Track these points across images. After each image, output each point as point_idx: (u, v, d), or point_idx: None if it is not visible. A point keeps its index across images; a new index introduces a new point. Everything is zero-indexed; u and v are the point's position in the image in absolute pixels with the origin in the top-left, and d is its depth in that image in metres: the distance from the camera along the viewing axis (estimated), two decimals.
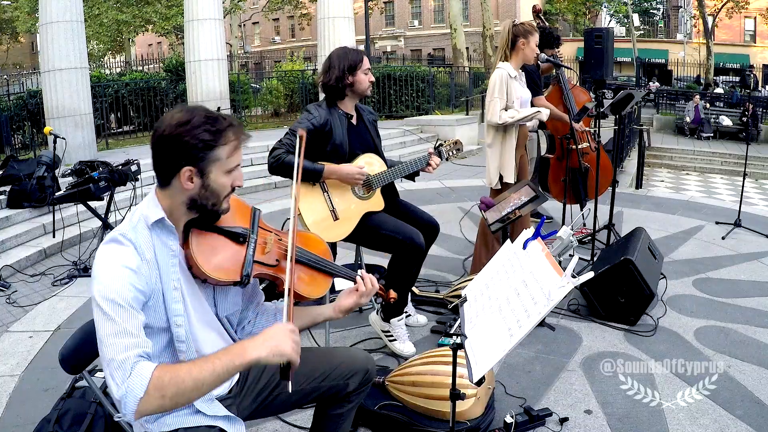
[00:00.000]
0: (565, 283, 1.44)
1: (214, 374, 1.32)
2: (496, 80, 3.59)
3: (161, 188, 1.47)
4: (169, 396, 1.27)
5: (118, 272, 1.35)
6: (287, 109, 13.67)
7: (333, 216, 2.84)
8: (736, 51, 30.68)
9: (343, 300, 1.72)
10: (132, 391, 1.24)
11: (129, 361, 1.27)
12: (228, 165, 1.46)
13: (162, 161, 1.43)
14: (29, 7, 22.03)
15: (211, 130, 1.41)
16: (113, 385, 1.26)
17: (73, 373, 1.66)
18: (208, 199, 1.46)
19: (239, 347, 1.37)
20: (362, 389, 1.80)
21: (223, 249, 1.54)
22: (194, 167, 1.42)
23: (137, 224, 1.44)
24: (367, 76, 2.93)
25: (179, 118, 1.41)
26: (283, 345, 1.36)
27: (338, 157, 2.87)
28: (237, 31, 31.39)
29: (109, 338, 1.29)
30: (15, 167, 5.89)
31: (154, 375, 1.27)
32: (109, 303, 1.32)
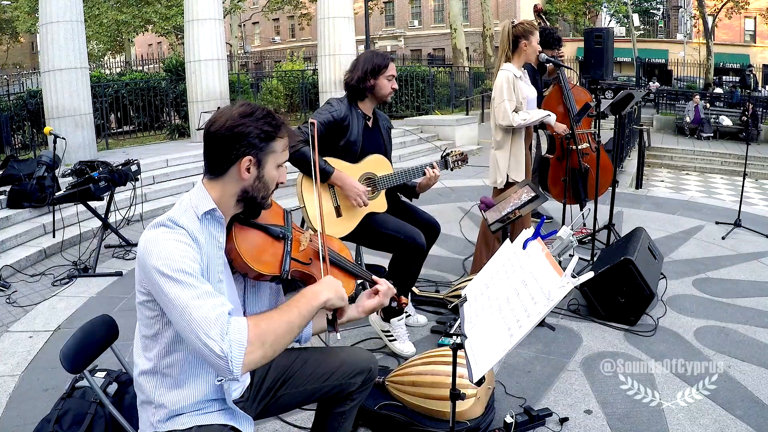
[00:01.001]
0: (565, 283, 1.44)
1: (300, 316, 1.43)
2: (503, 82, 3.57)
3: (213, 179, 1.50)
4: (269, 342, 1.34)
5: (179, 246, 1.37)
6: (287, 109, 13.67)
7: (336, 212, 2.85)
8: (736, 51, 30.68)
9: (366, 301, 1.78)
10: (237, 343, 1.28)
11: (223, 316, 1.30)
12: (280, 159, 1.54)
13: (221, 151, 1.47)
14: (29, 7, 22.01)
15: (272, 123, 1.49)
16: (213, 344, 1.27)
17: (75, 372, 1.66)
18: (260, 191, 1.52)
19: (310, 291, 1.50)
20: (365, 388, 1.82)
21: (264, 244, 1.61)
22: (254, 157, 1.48)
23: (185, 212, 1.45)
24: (390, 82, 2.94)
25: (242, 111, 1.48)
26: (340, 289, 1.53)
27: (349, 154, 2.89)
28: (237, 31, 31.39)
29: (194, 300, 1.30)
30: (15, 167, 5.90)
31: (250, 325, 1.33)
32: (180, 272, 1.33)
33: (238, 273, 1.59)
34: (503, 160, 3.71)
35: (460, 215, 5.56)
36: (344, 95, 3.02)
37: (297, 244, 1.68)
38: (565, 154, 4.69)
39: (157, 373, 1.46)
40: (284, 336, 1.38)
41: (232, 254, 1.54)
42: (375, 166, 2.95)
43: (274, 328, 1.36)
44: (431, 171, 2.98)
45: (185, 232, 1.40)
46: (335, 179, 2.79)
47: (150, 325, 1.45)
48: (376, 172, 2.95)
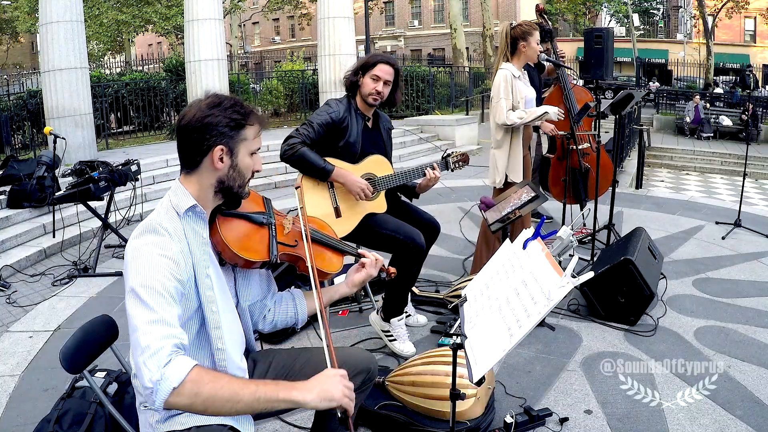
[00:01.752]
0: (565, 283, 1.44)
1: (254, 396, 1.31)
2: (501, 81, 3.58)
3: (188, 174, 1.52)
4: (203, 397, 1.27)
5: (159, 262, 1.37)
6: (287, 109, 13.66)
7: (336, 213, 2.85)
8: (736, 51, 30.68)
9: (354, 275, 1.81)
10: (168, 380, 1.24)
11: (166, 349, 1.27)
12: (252, 146, 1.55)
13: (192, 144, 1.49)
14: (29, 7, 22.01)
15: (240, 111, 1.51)
16: (146, 372, 1.25)
17: (74, 372, 1.65)
18: (235, 180, 1.53)
19: (288, 383, 1.38)
20: (364, 388, 1.81)
21: (249, 232, 1.63)
22: (225, 146, 1.49)
23: (167, 214, 1.47)
24: (375, 83, 2.87)
25: (210, 101, 1.51)
26: (332, 390, 1.35)
27: (349, 155, 2.89)
28: (237, 31, 31.38)
29: (146, 325, 1.29)
30: (15, 167, 5.89)
31: (194, 371, 1.28)
32: (148, 290, 1.32)
33: (227, 264, 1.61)
34: (502, 159, 3.71)
35: (460, 215, 5.56)
36: (344, 95, 3.02)
37: (281, 229, 1.72)
38: (565, 154, 4.69)
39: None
40: (223, 402, 1.28)
41: (219, 246, 1.56)
42: (375, 166, 2.95)
43: (216, 389, 1.28)
44: (431, 172, 2.97)
45: (169, 237, 1.41)
46: (336, 176, 2.79)
47: None
48: (376, 172, 2.94)
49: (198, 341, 1.50)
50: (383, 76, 2.88)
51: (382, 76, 2.88)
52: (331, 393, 1.34)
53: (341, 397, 1.35)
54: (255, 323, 1.76)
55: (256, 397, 1.31)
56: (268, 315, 1.78)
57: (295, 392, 1.33)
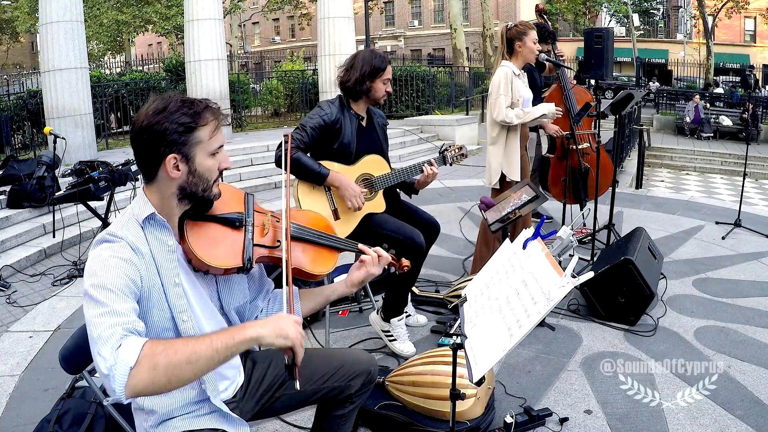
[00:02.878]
0: (565, 283, 1.44)
1: (212, 348, 1.25)
2: (501, 77, 3.57)
3: (148, 184, 1.46)
4: (162, 367, 1.19)
5: (109, 263, 1.32)
6: (287, 109, 13.67)
7: (334, 215, 2.85)
8: (736, 51, 30.68)
9: (354, 273, 1.71)
10: (122, 362, 1.18)
11: (116, 335, 1.21)
12: (211, 146, 1.44)
13: (145, 154, 1.41)
14: (29, 7, 22.01)
15: (189, 113, 1.40)
16: (101, 361, 1.19)
17: (73, 373, 1.66)
18: (197, 185, 1.44)
19: (240, 325, 1.33)
20: (364, 390, 1.80)
21: (220, 236, 1.51)
22: (178, 153, 1.40)
23: (127, 223, 1.42)
24: (385, 86, 2.91)
25: (155, 107, 1.40)
26: (287, 328, 1.31)
27: (344, 157, 2.88)
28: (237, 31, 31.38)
29: (96, 318, 1.24)
30: (15, 167, 5.89)
31: (146, 346, 1.21)
32: (98, 289, 1.28)
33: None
34: (498, 156, 3.69)
35: (460, 215, 5.56)
36: (336, 96, 2.99)
37: (260, 229, 1.58)
38: (565, 154, 4.69)
39: None
40: (182, 364, 1.21)
41: (188, 254, 1.47)
42: (371, 166, 2.94)
43: (171, 354, 1.21)
44: (428, 168, 2.95)
45: (125, 243, 1.36)
46: (332, 180, 2.78)
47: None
48: (373, 172, 2.93)
49: None
50: (390, 76, 2.94)
51: (390, 77, 2.94)
52: (286, 330, 1.31)
53: (295, 336, 1.31)
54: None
55: (214, 348, 1.25)
56: (260, 316, 1.71)
57: (249, 330, 1.29)
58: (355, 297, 3.62)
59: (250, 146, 8.75)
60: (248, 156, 8.51)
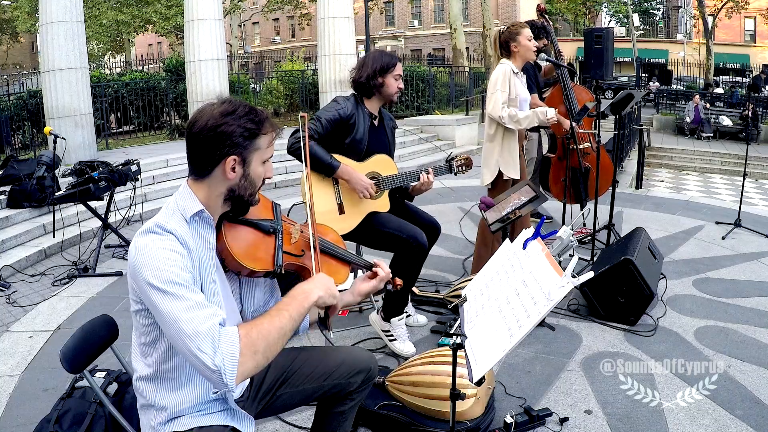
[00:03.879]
0: (565, 283, 1.44)
1: (291, 319, 1.40)
2: (499, 74, 3.57)
3: (197, 180, 1.48)
4: (261, 351, 1.32)
5: (168, 255, 1.35)
6: (287, 109, 13.66)
7: (339, 210, 2.86)
8: (736, 51, 30.68)
9: (361, 284, 1.77)
10: (228, 356, 1.27)
11: (215, 329, 1.29)
12: (265, 155, 1.52)
13: (205, 152, 1.44)
14: (29, 7, 22.01)
15: (255, 120, 1.47)
16: (205, 357, 1.26)
17: (75, 372, 1.65)
18: (246, 189, 1.50)
19: (300, 291, 1.47)
20: (364, 387, 1.81)
21: (255, 240, 1.59)
22: (238, 156, 1.45)
23: (172, 216, 1.44)
24: (397, 82, 2.96)
25: (224, 109, 1.45)
26: (333, 288, 1.49)
27: (355, 153, 2.89)
28: (237, 31, 31.38)
29: (185, 313, 1.29)
30: (15, 167, 5.89)
31: (242, 334, 1.31)
32: (170, 284, 1.31)
33: (231, 271, 1.58)
34: (494, 154, 3.67)
35: (460, 215, 5.56)
36: (351, 94, 3.02)
37: (288, 237, 1.67)
38: (565, 154, 4.69)
39: (158, 378, 1.45)
40: (276, 342, 1.36)
41: (223, 254, 1.53)
42: (380, 165, 2.96)
43: (265, 335, 1.34)
44: (425, 176, 2.98)
45: (174, 237, 1.38)
46: (342, 173, 2.80)
47: (147, 333, 1.44)
48: (381, 171, 2.95)
49: None
50: (401, 72, 3.00)
51: (401, 74, 2.99)
52: (333, 290, 1.50)
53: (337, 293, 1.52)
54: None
55: (294, 319, 1.41)
56: None
57: (311, 294, 1.46)
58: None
59: None
60: None
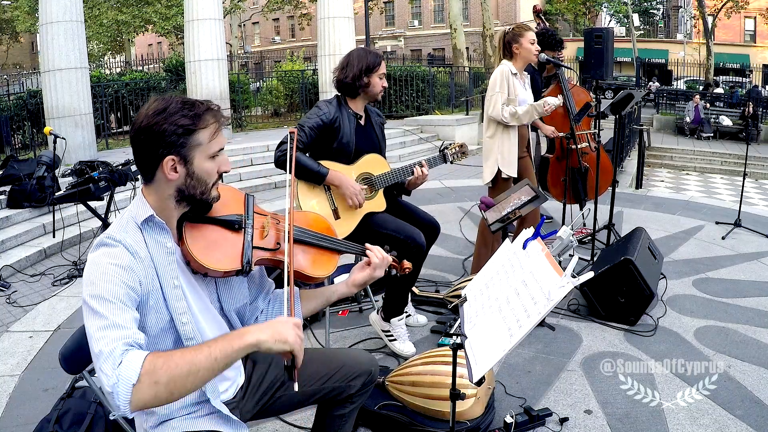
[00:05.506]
0: (565, 283, 1.44)
1: (211, 358, 1.24)
2: (498, 75, 3.58)
3: (147, 185, 1.45)
4: (163, 382, 1.20)
5: (107, 270, 1.31)
6: (287, 109, 13.67)
7: (334, 215, 2.85)
8: (736, 51, 30.67)
9: (357, 274, 1.71)
10: (124, 379, 1.18)
11: (117, 350, 1.21)
12: (210, 149, 1.42)
13: (143, 154, 1.40)
14: (29, 7, 22.01)
15: (189, 115, 1.38)
16: (104, 378, 1.20)
17: (73, 373, 1.66)
18: (195, 187, 1.43)
19: (239, 331, 1.32)
20: (365, 390, 1.80)
21: (219, 239, 1.49)
22: (176, 155, 1.38)
23: (126, 225, 1.41)
24: (381, 80, 2.94)
25: (155, 108, 1.38)
26: (286, 332, 1.30)
27: (344, 156, 2.88)
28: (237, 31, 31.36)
29: (97, 332, 1.24)
30: (15, 167, 5.90)
31: (146, 360, 1.21)
32: (97, 300, 1.27)
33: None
34: (493, 152, 3.68)
35: (460, 215, 5.56)
36: (333, 96, 3.00)
37: (260, 231, 1.56)
38: (564, 154, 4.69)
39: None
40: (184, 377, 1.22)
41: (186, 257, 1.46)
42: (371, 165, 2.94)
43: (172, 367, 1.21)
44: (418, 170, 2.96)
45: (122, 247, 1.35)
46: (331, 179, 2.78)
47: None
48: (373, 171, 2.94)
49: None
50: (385, 71, 2.97)
51: (385, 72, 2.97)
52: (285, 335, 1.29)
53: (294, 340, 1.30)
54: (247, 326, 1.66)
55: (213, 358, 1.25)
56: (261, 317, 1.70)
57: (248, 336, 1.28)
58: (355, 297, 3.62)
59: (250, 146, 8.75)
60: (248, 156, 8.52)
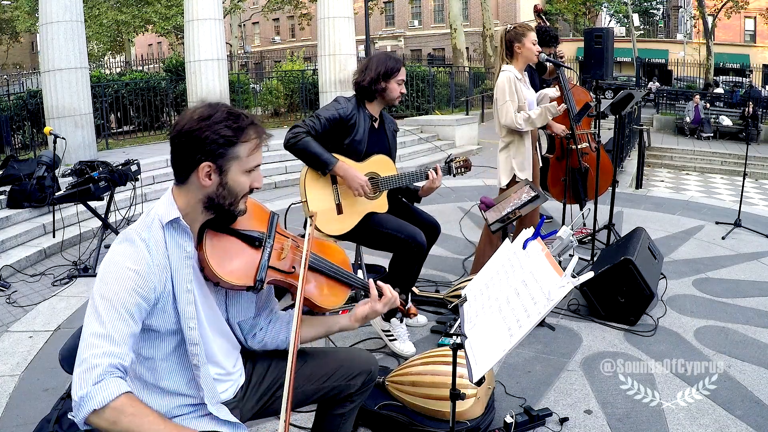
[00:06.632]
0: (565, 283, 1.44)
1: None
2: (505, 83, 3.56)
3: (178, 186, 1.46)
4: (121, 426, 1.20)
5: (124, 274, 1.31)
6: (287, 109, 13.66)
7: (337, 209, 2.85)
8: (736, 51, 30.67)
9: (359, 309, 1.71)
10: (91, 399, 1.19)
11: (101, 367, 1.22)
12: (247, 164, 1.44)
13: (180, 156, 1.41)
14: (29, 7, 22.02)
15: (233, 126, 1.40)
16: (76, 384, 1.21)
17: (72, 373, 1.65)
18: (225, 198, 1.44)
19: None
20: (365, 389, 1.80)
21: (237, 252, 1.50)
22: (213, 163, 1.40)
23: (151, 223, 1.41)
24: (400, 87, 2.96)
25: (201, 113, 1.40)
26: None
27: (354, 154, 2.90)
28: (237, 31, 31.37)
29: (91, 337, 1.25)
30: (15, 167, 5.89)
31: (121, 398, 1.21)
32: (105, 302, 1.28)
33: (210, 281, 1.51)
34: (509, 159, 3.69)
35: (460, 215, 5.56)
36: (352, 95, 3.02)
37: (278, 252, 1.57)
38: (564, 154, 4.69)
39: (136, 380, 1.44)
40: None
41: (202, 263, 1.46)
42: (379, 166, 2.96)
43: (137, 424, 1.21)
44: (433, 173, 2.97)
45: (145, 248, 1.36)
46: (338, 169, 2.79)
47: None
48: (380, 172, 2.95)
49: (178, 355, 1.45)
50: (404, 77, 2.99)
51: (404, 79, 2.98)
52: None
53: None
54: (243, 339, 1.67)
55: None
56: (259, 334, 1.69)
57: None
58: (355, 297, 3.62)
59: None
60: None
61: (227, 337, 1.59)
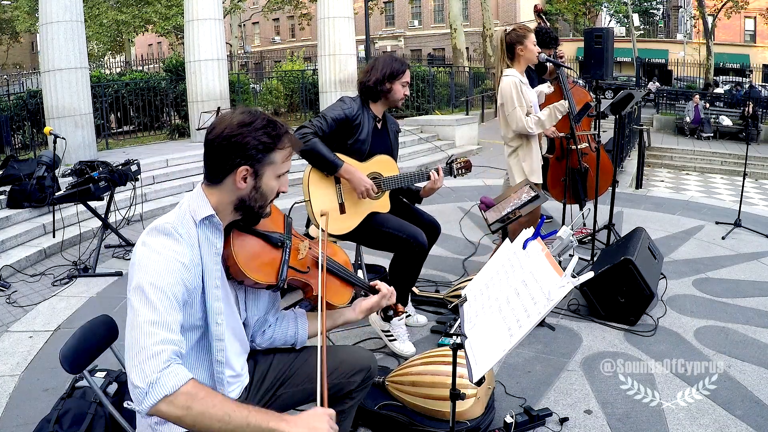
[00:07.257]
0: (565, 283, 1.44)
1: (246, 421, 1.27)
2: (512, 88, 3.52)
3: (211, 186, 1.49)
4: (194, 412, 1.23)
5: (172, 265, 1.35)
6: (287, 109, 13.66)
7: (340, 209, 2.86)
8: (736, 51, 30.67)
9: (363, 301, 1.79)
10: (163, 386, 1.22)
11: (164, 354, 1.25)
12: (280, 169, 1.51)
13: (219, 159, 1.46)
14: (29, 6, 22.03)
15: (272, 134, 1.47)
16: (140, 373, 1.22)
17: (74, 372, 1.65)
18: (257, 200, 1.50)
19: (278, 415, 1.33)
20: (364, 386, 1.82)
21: (262, 252, 1.59)
22: (251, 167, 1.46)
23: (184, 218, 1.45)
24: (404, 89, 2.98)
25: (242, 119, 1.46)
26: (320, 429, 1.31)
27: (357, 154, 2.91)
28: (237, 31, 31.37)
29: (147, 325, 1.27)
30: (15, 167, 5.89)
31: (190, 383, 1.25)
32: (157, 290, 1.30)
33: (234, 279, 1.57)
34: (520, 164, 3.67)
35: (460, 215, 5.56)
36: (356, 95, 3.03)
37: (295, 253, 1.67)
38: (564, 154, 4.69)
39: None
40: (213, 421, 1.24)
41: (228, 261, 1.53)
42: (381, 166, 2.97)
43: (209, 407, 1.24)
44: (434, 174, 2.99)
45: (186, 244, 1.40)
46: (344, 171, 2.80)
47: None
48: (383, 172, 2.96)
49: (197, 351, 1.47)
50: (409, 79, 3.01)
51: (409, 81, 3.01)
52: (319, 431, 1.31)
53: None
54: (252, 337, 1.72)
55: (247, 422, 1.27)
56: (268, 331, 1.76)
57: (284, 424, 1.29)
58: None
59: None
60: None
61: (240, 339, 1.63)
